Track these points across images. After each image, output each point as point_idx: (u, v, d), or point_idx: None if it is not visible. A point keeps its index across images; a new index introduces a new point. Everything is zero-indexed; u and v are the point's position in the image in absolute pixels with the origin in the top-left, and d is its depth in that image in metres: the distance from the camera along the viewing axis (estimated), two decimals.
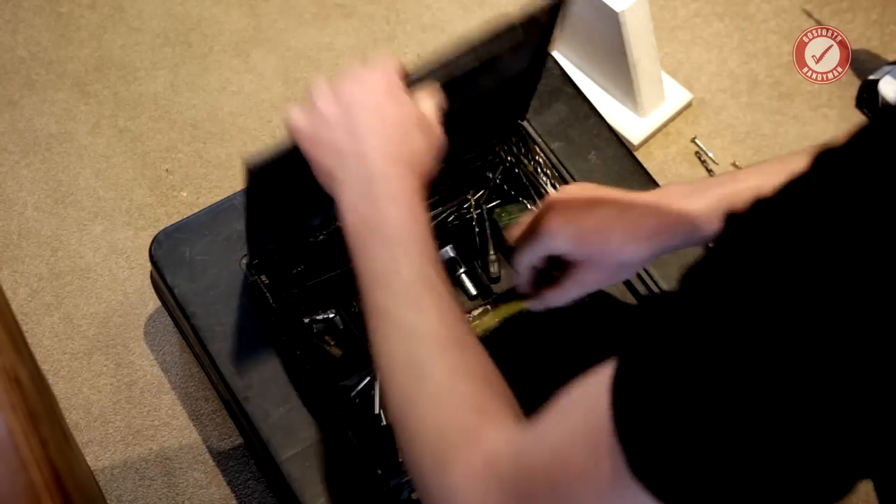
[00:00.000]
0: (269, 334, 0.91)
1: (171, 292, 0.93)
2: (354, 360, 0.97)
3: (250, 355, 0.90)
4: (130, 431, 1.04)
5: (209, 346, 0.90)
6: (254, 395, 0.88)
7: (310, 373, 0.91)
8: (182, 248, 0.95)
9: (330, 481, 0.85)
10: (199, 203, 1.16)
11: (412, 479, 0.62)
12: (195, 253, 0.95)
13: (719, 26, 1.34)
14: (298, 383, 0.89)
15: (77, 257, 1.14)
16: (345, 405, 0.94)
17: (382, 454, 0.90)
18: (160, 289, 0.99)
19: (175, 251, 0.95)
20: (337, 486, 0.85)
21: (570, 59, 1.24)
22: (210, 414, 1.05)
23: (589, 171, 1.01)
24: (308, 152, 0.70)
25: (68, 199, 1.18)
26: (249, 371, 0.89)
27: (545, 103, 1.03)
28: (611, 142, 1.03)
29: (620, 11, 1.08)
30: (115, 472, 1.02)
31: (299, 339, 0.96)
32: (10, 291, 1.10)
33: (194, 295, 0.93)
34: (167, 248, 0.95)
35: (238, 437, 1.03)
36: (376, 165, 0.67)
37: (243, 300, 0.92)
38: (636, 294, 0.97)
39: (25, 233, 1.16)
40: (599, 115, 1.05)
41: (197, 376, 1.07)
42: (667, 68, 1.30)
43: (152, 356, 1.08)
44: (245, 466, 1.02)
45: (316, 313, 0.99)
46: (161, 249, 0.95)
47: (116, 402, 1.06)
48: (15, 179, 1.19)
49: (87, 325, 1.10)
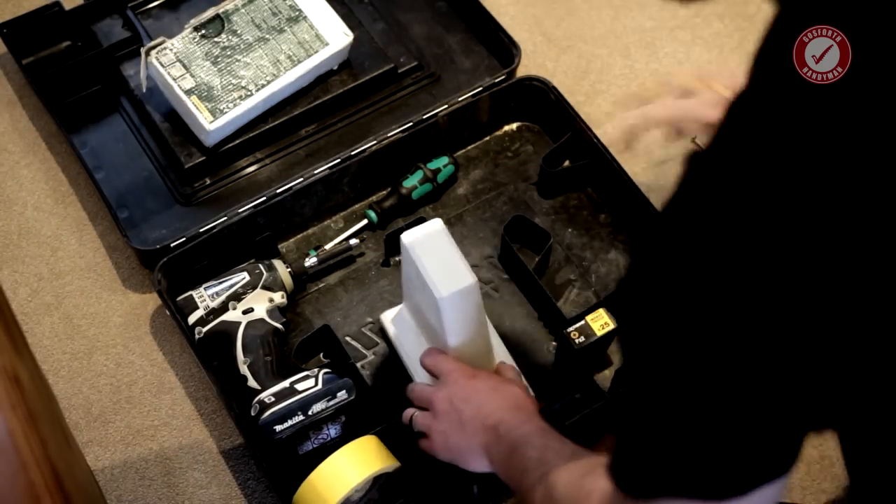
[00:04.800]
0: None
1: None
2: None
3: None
4: (130, 431, 1.04)
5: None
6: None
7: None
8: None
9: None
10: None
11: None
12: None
13: (719, 26, 1.34)
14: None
15: (77, 257, 1.14)
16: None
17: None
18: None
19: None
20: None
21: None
22: (210, 414, 1.05)
23: None
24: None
25: (68, 199, 1.18)
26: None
27: None
28: None
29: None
30: (115, 472, 1.02)
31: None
32: (10, 291, 1.11)
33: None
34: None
35: (238, 437, 1.03)
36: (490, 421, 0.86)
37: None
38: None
39: (25, 233, 1.16)
40: None
41: (197, 376, 1.07)
42: (667, 68, 1.31)
43: (152, 356, 1.08)
44: (245, 466, 1.02)
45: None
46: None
47: (116, 402, 1.06)
48: (15, 179, 1.19)
49: (87, 325, 1.10)
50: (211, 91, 1.12)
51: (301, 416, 0.94)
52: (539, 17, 1.36)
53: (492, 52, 1.27)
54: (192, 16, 1.16)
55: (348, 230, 1.14)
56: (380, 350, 1.07)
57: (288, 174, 1.15)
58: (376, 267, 1.13)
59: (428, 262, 0.89)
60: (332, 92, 1.19)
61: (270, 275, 1.05)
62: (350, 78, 1.21)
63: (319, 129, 1.20)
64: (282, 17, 1.17)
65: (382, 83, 1.22)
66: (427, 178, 1.15)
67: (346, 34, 1.18)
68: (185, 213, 1.13)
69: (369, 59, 1.22)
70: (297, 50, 1.16)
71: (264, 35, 1.16)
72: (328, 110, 1.20)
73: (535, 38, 1.33)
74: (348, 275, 1.12)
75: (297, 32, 1.16)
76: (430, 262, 0.89)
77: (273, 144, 1.18)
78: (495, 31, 1.25)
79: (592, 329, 1.01)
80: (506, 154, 1.22)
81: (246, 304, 1.03)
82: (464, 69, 1.26)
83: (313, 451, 0.95)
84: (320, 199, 1.14)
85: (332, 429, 0.97)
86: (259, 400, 0.96)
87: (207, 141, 1.13)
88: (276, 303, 1.05)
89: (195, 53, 1.13)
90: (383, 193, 1.17)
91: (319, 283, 1.11)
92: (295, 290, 1.09)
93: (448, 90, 1.23)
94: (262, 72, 1.14)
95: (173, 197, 1.15)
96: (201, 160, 1.14)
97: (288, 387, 0.97)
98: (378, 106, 1.22)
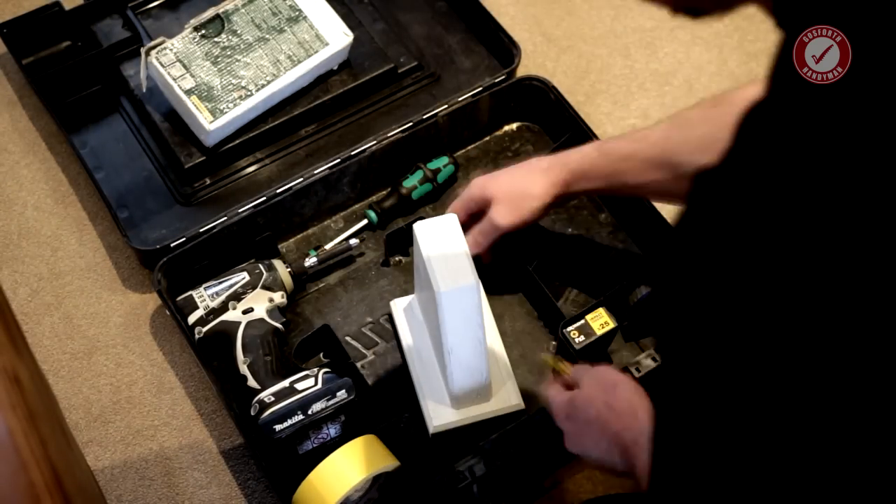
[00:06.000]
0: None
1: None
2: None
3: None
4: (130, 431, 1.04)
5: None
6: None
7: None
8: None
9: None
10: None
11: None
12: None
13: (719, 26, 1.34)
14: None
15: (77, 257, 1.14)
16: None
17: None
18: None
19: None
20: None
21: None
22: (210, 414, 1.05)
23: None
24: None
25: (68, 199, 1.18)
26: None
27: None
28: None
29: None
30: (115, 472, 1.02)
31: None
32: (10, 291, 1.11)
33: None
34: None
35: (238, 437, 1.02)
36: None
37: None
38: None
39: (25, 233, 1.16)
40: None
41: (197, 376, 1.07)
42: (667, 68, 1.31)
43: (152, 356, 1.08)
44: (245, 466, 1.02)
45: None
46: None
47: (116, 402, 1.06)
48: (15, 179, 1.19)
49: (87, 325, 1.10)
50: (211, 91, 1.12)
51: (301, 415, 0.94)
52: (539, 17, 1.36)
53: (492, 52, 1.27)
54: (192, 16, 1.16)
55: (348, 230, 1.14)
56: (380, 350, 1.07)
57: (288, 174, 1.15)
58: (376, 267, 1.13)
59: (434, 256, 0.89)
60: (332, 92, 1.19)
61: (270, 275, 1.05)
62: (350, 78, 1.21)
63: (319, 129, 1.20)
64: (282, 17, 1.17)
65: (382, 83, 1.22)
66: (427, 178, 1.15)
67: (346, 34, 1.18)
68: (185, 213, 1.13)
69: (369, 59, 1.22)
70: (297, 50, 1.16)
71: (264, 35, 1.16)
72: (328, 110, 1.20)
73: (535, 38, 1.33)
74: (348, 275, 1.12)
75: (297, 32, 1.16)
76: (436, 256, 0.89)
77: (273, 144, 1.18)
78: (495, 31, 1.25)
79: (592, 328, 1.01)
80: (506, 154, 1.22)
81: (246, 303, 1.04)
82: (464, 69, 1.26)
83: (313, 451, 0.95)
84: (320, 199, 1.14)
85: (332, 428, 0.97)
86: (259, 399, 0.96)
87: (207, 141, 1.13)
88: (276, 303, 1.05)
89: (195, 53, 1.13)
90: (383, 193, 1.17)
91: (319, 283, 1.11)
92: (295, 290, 1.09)
93: (448, 90, 1.23)
94: (262, 72, 1.14)
95: (173, 197, 1.15)
96: (201, 160, 1.14)
97: (288, 386, 0.97)
98: (378, 106, 1.22)
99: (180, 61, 1.12)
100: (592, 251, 1.13)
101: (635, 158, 0.96)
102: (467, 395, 0.96)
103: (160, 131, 1.16)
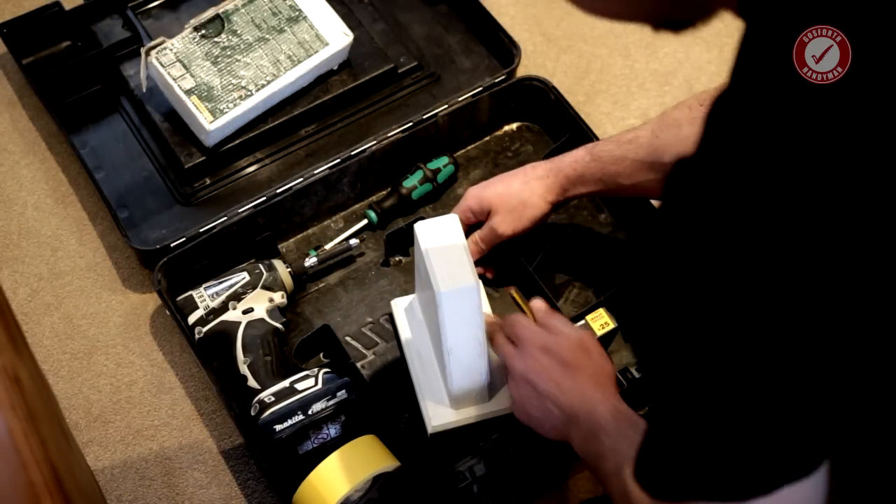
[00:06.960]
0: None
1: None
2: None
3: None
4: (130, 431, 1.04)
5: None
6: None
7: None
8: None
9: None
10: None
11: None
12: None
13: (719, 26, 1.33)
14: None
15: (77, 257, 1.14)
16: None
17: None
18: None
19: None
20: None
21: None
22: (210, 414, 1.05)
23: None
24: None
25: (68, 199, 1.18)
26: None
27: None
28: None
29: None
30: (115, 472, 1.02)
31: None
32: (10, 291, 1.11)
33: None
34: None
35: (238, 437, 1.02)
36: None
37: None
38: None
39: (25, 233, 1.16)
40: None
41: (197, 376, 1.07)
42: (667, 68, 1.31)
43: (152, 356, 1.08)
44: (245, 466, 1.02)
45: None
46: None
47: (116, 402, 1.06)
48: (15, 179, 1.19)
49: (87, 325, 1.10)
50: (211, 91, 1.12)
51: (301, 415, 0.94)
52: (539, 17, 1.36)
53: (492, 52, 1.27)
54: (192, 16, 1.16)
55: (348, 230, 1.14)
56: (380, 350, 1.07)
57: (288, 174, 1.15)
58: (376, 267, 1.13)
59: (435, 256, 0.90)
60: (332, 92, 1.19)
61: (270, 275, 1.05)
62: (350, 78, 1.21)
63: (319, 129, 1.20)
64: (282, 17, 1.17)
65: (382, 83, 1.22)
66: (427, 178, 1.15)
67: (346, 34, 1.18)
68: (185, 213, 1.13)
69: (369, 59, 1.22)
70: (297, 50, 1.16)
71: (264, 35, 1.16)
72: (328, 110, 1.20)
73: (535, 38, 1.33)
74: (348, 275, 1.12)
75: (297, 32, 1.16)
76: (436, 256, 0.90)
77: (273, 144, 1.18)
78: (495, 31, 1.25)
79: (592, 329, 1.01)
80: (506, 154, 1.22)
81: (246, 303, 1.04)
82: (464, 69, 1.26)
83: (313, 451, 0.95)
84: (320, 199, 1.14)
85: (332, 428, 0.97)
86: (259, 399, 0.96)
87: (207, 141, 1.13)
88: (276, 303, 1.05)
89: (195, 53, 1.13)
90: (383, 193, 1.17)
91: (319, 283, 1.11)
92: (295, 290, 1.09)
93: (448, 90, 1.23)
94: (262, 72, 1.14)
95: (173, 197, 1.15)
96: (201, 160, 1.14)
97: (288, 386, 0.97)
98: (378, 106, 1.22)
99: (180, 61, 1.12)
100: (592, 251, 1.13)
101: (626, 161, 0.97)
102: (467, 395, 0.96)
103: (160, 131, 1.16)
